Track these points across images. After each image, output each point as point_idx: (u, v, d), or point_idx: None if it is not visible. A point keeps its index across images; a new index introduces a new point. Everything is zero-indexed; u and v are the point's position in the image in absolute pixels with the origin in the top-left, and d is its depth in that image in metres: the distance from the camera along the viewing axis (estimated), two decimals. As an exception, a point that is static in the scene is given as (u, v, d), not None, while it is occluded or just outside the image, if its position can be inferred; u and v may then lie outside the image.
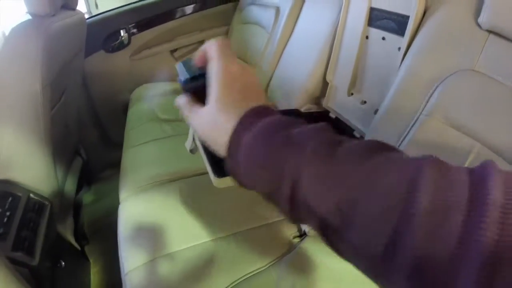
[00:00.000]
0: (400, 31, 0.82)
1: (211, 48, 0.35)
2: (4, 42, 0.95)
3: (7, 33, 0.94)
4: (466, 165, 0.60)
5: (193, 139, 0.79)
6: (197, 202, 0.99)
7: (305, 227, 0.91)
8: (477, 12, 0.64)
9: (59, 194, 1.15)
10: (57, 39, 1.05)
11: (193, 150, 0.85)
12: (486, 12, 0.63)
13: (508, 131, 0.57)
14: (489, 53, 0.64)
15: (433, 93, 0.69)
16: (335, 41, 1.05)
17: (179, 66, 0.40)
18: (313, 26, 1.21)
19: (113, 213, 1.54)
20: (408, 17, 0.80)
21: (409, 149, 0.72)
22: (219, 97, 0.33)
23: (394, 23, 0.85)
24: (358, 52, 0.97)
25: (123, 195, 1.08)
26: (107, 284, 1.28)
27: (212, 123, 0.33)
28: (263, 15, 1.55)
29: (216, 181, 0.70)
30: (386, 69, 0.87)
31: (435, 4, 0.77)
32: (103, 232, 1.47)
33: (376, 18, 0.91)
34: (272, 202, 0.30)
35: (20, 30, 0.96)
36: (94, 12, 1.67)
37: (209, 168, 0.73)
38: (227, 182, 0.64)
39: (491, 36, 0.64)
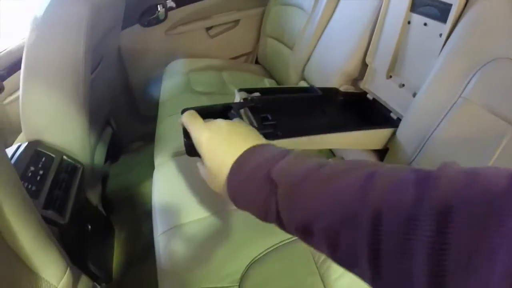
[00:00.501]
0: (443, 18, 0.84)
1: (184, 122, 0.49)
2: (49, 6, 0.95)
3: (39, 16, 0.94)
4: (500, 148, 0.63)
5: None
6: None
7: None
8: None
9: (90, 159, 1.17)
10: (100, 8, 1.05)
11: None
12: None
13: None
14: (526, 44, 0.67)
15: (471, 78, 0.71)
16: (377, 25, 1.05)
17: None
18: (354, 10, 1.19)
19: (139, 184, 1.58)
20: (450, 5, 0.81)
21: (447, 130, 0.74)
22: (205, 160, 0.44)
23: (437, 10, 0.86)
24: (399, 37, 0.97)
25: (158, 160, 1.11)
26: (131, 251, 1.31)
27: (209, 177, 0.45)
28: (303, -3, 1.52)
29: None
30: (426, 54, 0.89)
31: (476, -6, 0.79)
32: (129, 202, 1.50)
33: (419, 4, 0.92)
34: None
35: None
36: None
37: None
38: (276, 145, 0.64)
39: (529, 27, 0.67)
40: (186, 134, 0.48)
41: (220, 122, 0.45)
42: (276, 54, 1.71)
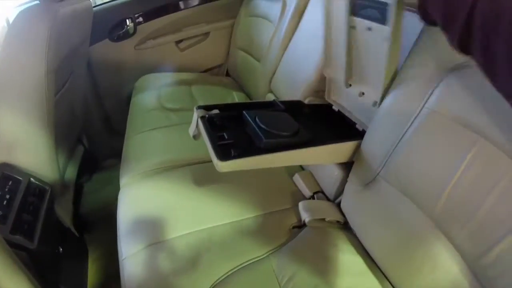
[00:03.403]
0: (384, 20, 0.76)
1: None
2: (11, 25, 0.94)
3: (11, 20, 0.94)
4: (467, 159, 0.60)
5: (197, 125, 0.80)
6: (199, 189, 1.00)
7: (305, 217, 0.92)
8: None
9: (60, 180, 1.15)
10: (64, 24, 1.04)
11: (196, 136, 0.86)
12: None
13: (511, 126, 0.57)
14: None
15: (435, 88, 0.68)
16: (324, 33, 1.00)
17: None
18: (318, 21, 1.15)
19: (113, 202, 1.54)
20: (387, 4, 0.73)
21: (411, 142, 0.72)
22: None
23: (376, 11, 0.78)
24: (347, 43, 0.91)
25: (124, 181, 1.09)
26: (105, 272, 1.28)
27: None
28: (270, 8, 1.54)
29: (220, 164, 0.71)
30: (377, 60, 0.83)
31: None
32: (103, 221, 1.47)
33: (359, 6, 0.83)
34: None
35: (28, 14, 0.95)
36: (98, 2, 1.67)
37: (212, 152, 0.74)
38: (230, 166, 0.65)
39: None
40: None
41: None
42: (246, 67, 1.73)
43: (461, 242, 0.61)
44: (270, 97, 1.43)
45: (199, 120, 0.87)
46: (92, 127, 1.77)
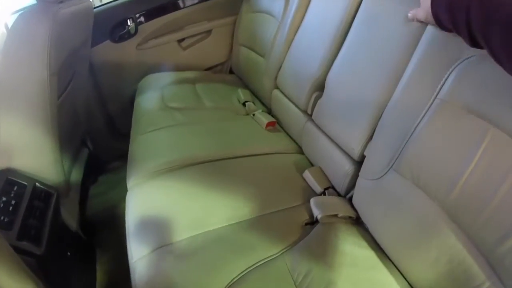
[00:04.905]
0: None
1: None
2: (11, 28, 0.93)
3: (9, 25, 0.92)
4: (481, 149, 0.60)
5: None
6: (207, 188, 0.99)
7: (317, 214, 0.91)
8: None
9: (66, 184, 1.14)
10: (64, 26, 1.03)
11: None
12: None
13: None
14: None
15: (447, 78, 0.68)
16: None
17: None
18: (324, 14, 1.17)
19: (120, 204, 1.54)
20: None
21: (424, 134, 0.71)
22: None
23: None
24: None
25: (131, 182, 1.07)
26: (114, 274, 1.28)
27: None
28: (273, 3, 1.52)
29: None
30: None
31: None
32: (110, 223, 1.47)
33: None
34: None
35: (27, 16, 0.94)
36: (98, 3, 1.66)
37: None
38: None
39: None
40: None
41: None
42: (249, 63, 1.71)
43: (476, 232, 0.61)
44: (276, 94, 1.42)
45: None
46: (96, 129, 1.76)
